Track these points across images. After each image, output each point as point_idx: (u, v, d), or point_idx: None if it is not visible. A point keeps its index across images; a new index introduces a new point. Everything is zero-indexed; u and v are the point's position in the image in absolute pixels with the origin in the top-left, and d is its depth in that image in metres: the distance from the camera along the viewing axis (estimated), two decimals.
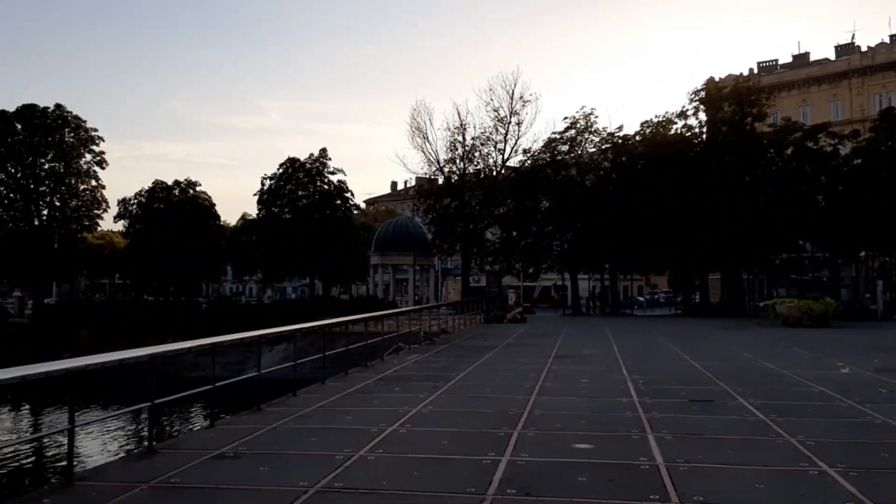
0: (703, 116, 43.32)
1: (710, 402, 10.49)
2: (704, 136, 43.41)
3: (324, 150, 43.59)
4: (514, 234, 47.15)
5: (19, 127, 42.99)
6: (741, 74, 59.41)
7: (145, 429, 21.39)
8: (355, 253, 49.61)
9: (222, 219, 47.87)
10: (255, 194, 43.22)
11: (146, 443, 7.88)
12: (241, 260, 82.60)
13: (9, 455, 18.45)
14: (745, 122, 40.84)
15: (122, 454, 17.67)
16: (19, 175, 43.10)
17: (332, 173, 43.46)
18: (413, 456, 7.23)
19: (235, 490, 6.09)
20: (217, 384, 8.95)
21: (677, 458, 6.93)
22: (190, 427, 21.94)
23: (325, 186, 43.02)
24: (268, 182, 42.89)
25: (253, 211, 56.87)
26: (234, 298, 68.23)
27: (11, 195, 43.08)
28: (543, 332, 27.27)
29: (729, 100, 41.68)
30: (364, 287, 70.24)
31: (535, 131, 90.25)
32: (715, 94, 42.58)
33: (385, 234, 47.80)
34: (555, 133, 46.65)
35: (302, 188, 42.85)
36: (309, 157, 43.36)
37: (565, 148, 46.31)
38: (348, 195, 44.06)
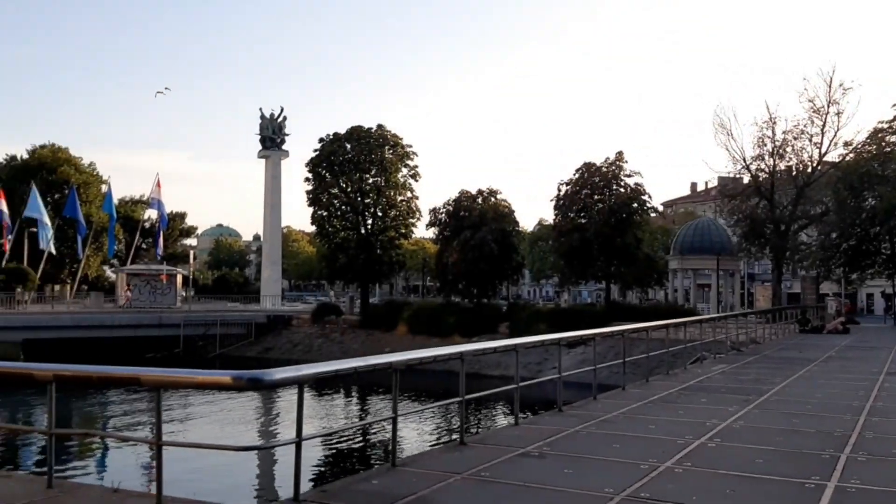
0: None
1: None
2: None
3: (620, 153, 43.13)
4: (834, 235, 42.55)
5: (348, 147, 48.69)
6: None
7: (454, 421, 22.97)
8: (653, 257, 48.37)
9: (521, 224, 49.52)
10: (551, 200, 44.07)
11: (457, 436, 8.40)
12: (537, 263, 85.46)
13: (343, 437, 20.88)
14: None
15: (435, 445, 19.03)
16: (349, 189, 48.68)
17: (629, 176, 42.77)
18: (725, 473, 6.81)
19: (542, 489, 6.23)
20: (521, 384, 9.23)
21: None
22: (492, 423, 23.00)
23: (622, 190, 42.48)
24: (563, 187, 43.48)
25: (549, 216, 58.05)
26: (530, 301, 70.26)
27: (343, 207, 48.84)
28: (871, 345, 24.23)
29: None
30: (662, 292, 68.26)
31: (859, 122, 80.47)
32: None
33: (685, 238, 45.99)
34: (882, 122, 41.22)
35: (597, 192, 42.77)
36: (605, 161, 43.18)
37: (895, 139, 40.78)
38: (645, 198, 43.04)
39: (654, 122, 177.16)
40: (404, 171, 49.70)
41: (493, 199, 45.70)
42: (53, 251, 59.39)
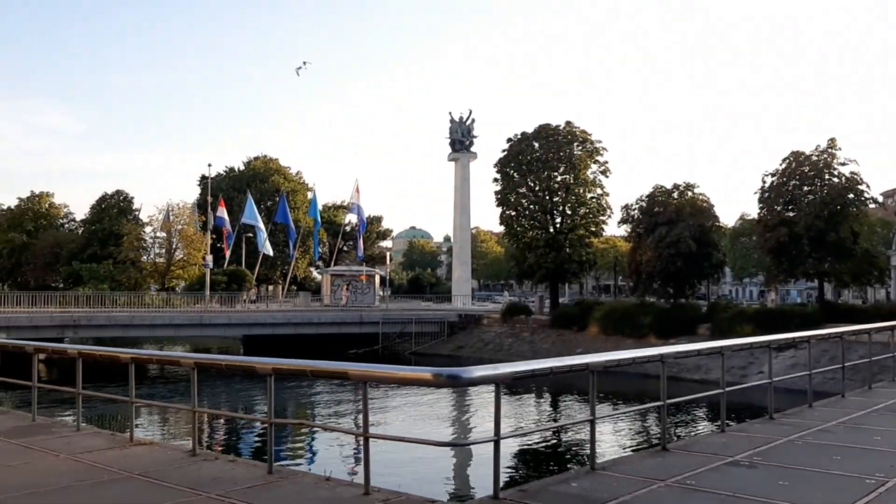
0: None
1: None
2: None
3: (832, 140, 39.55)
4: None
5: (536, 145, 48.67)
6: None
7: (651, 425, 22.19)
8: (872, 252, 44.04)
9: (720, 220, 46.79)
10: (755, 192, 41.29)
11: (658, 441, 8.06)
12: (739, 261, 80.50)
13: (537, 438, 20.82)
14: None
15: (631, 449, 18.47)
16: (538, 188, 48.64)
17: (843, 164, 39.08)
18: None
19: (754, 500, 5.80)
20: (727, 388, 8.69)
21: None
22: (692, 429, 21.95)
23: (835, 179, 38.91)
24: (769, 179, 40.57)
25: (751, 210, 54.58)
26: (732, 301, 66.33)
27: (532, 206, 48.86)
28: None
29: None
30: (883, 291, 61.75)
31: None
32: None
33: None
34: None
35: (807, 183, 39.48)
36: (815, 150, 39.79)
37: None
38: (863, 188, 39.10)
39: (872, 104, 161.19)
40: (594, 167, 48.83)
41: (689, 194, 43.65)
42: (270, 252, 64.67)
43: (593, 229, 49.45)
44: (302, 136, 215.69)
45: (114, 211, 70.12)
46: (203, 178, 75.71)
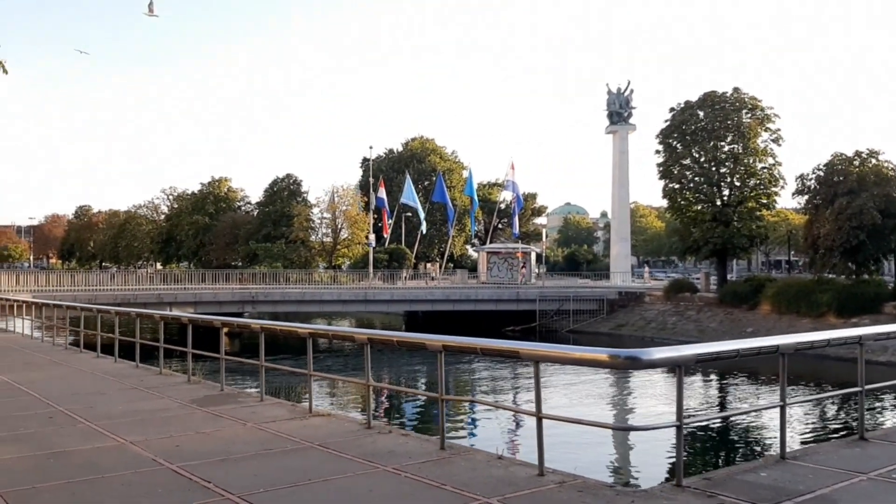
0: None
1: None
2: None
3: None
4: None
5: (701, 114, 46.20)
6: None
7: (841, 411, 20.57)
8: None
9: None
10: None
11: (852, 430, 7.37)
12: None
13: (718, 424, 19.74)
14: None
15: (819, 438, 17.14)
16: (703, 159, 46.25)
17: None
18: None
19: None
20: None
21: None
22: (885, 418, 20.17)
23: None
24: None
25: None
26: None
27: (697, 178, 46.56)
28: None
29: None
30: None
31: None
32: None
33: None
34: None
35: None
36: None
37: None
38: None
39: None
40: (764, 135, 45.67)
41: (873, 161, 39.90)
42: (425, 231, 66.17)
43: (764, 201, 46.36)
44: (457, 117, 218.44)
45: (285, 194, 74.43)
46: (364, 160, 78.52)
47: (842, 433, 17.14)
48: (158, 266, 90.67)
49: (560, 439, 8.44)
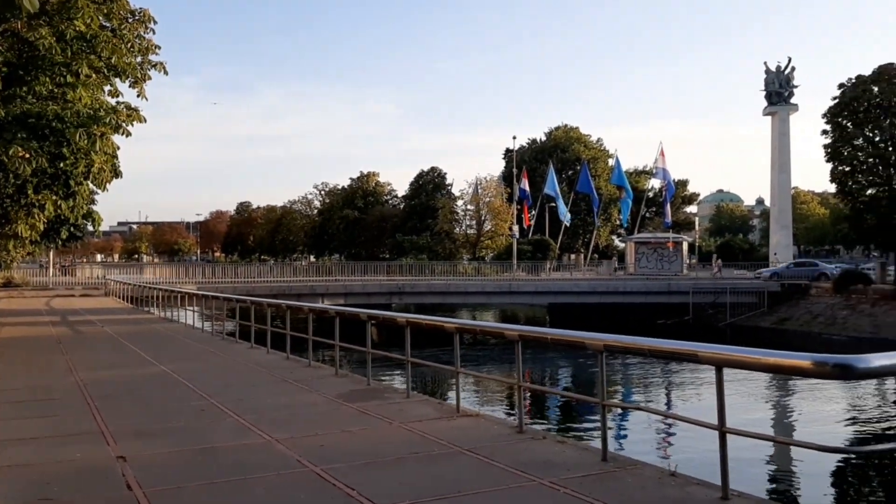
0: None
1: None
2: None
3: None
4: None
5: (876, 90, 41.99)
6: None
7: None
8: None
9: None
10: None
11: None
12: None
13: None
14: None
15: None
16: (878, 139, 42.10)
17: None
18: None
19: None
20: None
21: None
22: None
23: None
24: None
25: None
26: None
27: (871, 160, 42.40)
28: None
29: None
30: None
31: None
32: None
33: None
34: None
35: None
36: None
37: None
38: None
39: None
40: None
41: None
42: (568, 222, 64.80)
43: None
44: (601, 103, 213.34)
45: (430, 187, 75.35)
46: (507, 150, 78.06)
47: None
48: (312, 258, 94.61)
49: (742, 454, 7.39)
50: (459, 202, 73.05)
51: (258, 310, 16.74)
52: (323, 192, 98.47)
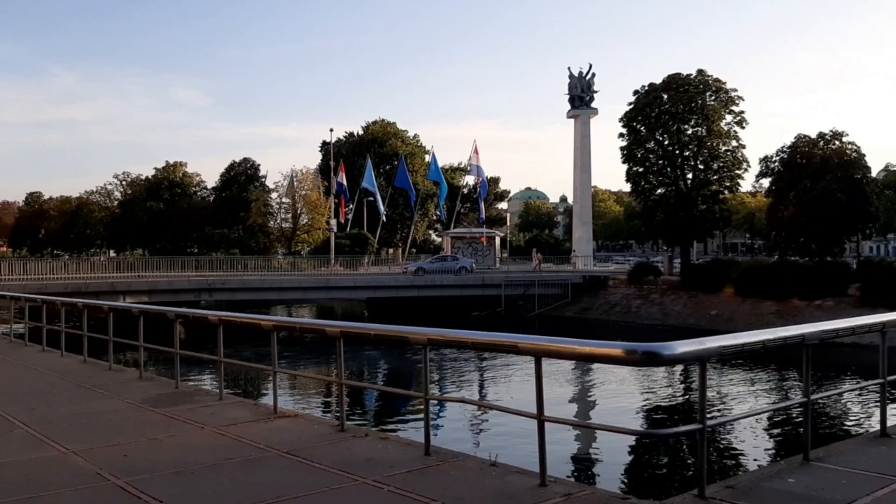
0: None
1: None
2: None
3: None
4: None
5: (665, 97, 45.99)
6: None
7: (861, 405, 19.67)
8: None
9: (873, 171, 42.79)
10: None
11: (872, 426, 6.81)
12: (883, 215, 74.12)
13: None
14: None
15: (834, 433, 16.31)
16: (667, 142, 46.11)
17: None
18: None
19: None
20: None
21: None
22: None
23: None
24: None
25: None
26: (886, 258, 61.17)
27: (661, 162, 46.40)
28: None
29: None
30: None
31: None
32: None
33: None
34: None
35: None
36: None
37: None
38: None
39: None
40: (728, 118, 45.70)
41: (836, 143, 40.12)
42: (384, 217, 65.15)
43: (728, 184, 46.48)
44: (417, 100, 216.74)
45: (242, 178, 72.75)
46: (324, 143, 76.99)
47: (861, 430, 15.96)
48: (112, 253, 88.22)
49: (562, 444, 7.68)
50: (274, 195, 71.18)
51: (51, 309, 15.21)
52: (124, 183, 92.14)
